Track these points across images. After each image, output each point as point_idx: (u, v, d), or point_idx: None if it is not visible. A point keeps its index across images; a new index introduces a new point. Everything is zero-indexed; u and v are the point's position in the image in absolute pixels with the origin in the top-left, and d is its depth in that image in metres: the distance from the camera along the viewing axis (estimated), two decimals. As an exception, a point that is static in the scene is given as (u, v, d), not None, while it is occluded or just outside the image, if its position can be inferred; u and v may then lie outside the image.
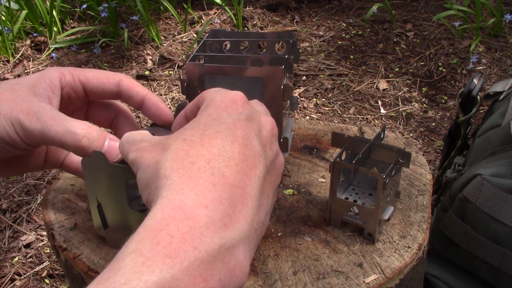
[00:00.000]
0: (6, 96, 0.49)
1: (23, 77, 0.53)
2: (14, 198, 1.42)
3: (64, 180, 0.68)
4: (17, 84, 0.51)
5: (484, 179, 0.75)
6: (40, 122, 0.48)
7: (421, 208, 0.63)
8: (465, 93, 0.96)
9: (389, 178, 0.55)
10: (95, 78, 0.55)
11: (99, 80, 0.55)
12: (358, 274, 0.53)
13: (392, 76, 2.04)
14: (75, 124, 0.48)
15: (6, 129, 0.48)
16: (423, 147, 1.65)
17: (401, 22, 2.46)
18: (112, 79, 0.55)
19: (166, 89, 1.99)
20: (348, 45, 2.28)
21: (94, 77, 0.55)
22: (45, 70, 0.54)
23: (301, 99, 1.89)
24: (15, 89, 0.50)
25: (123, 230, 0.54)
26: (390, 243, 0.57)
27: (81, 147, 0.48)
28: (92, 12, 2.51)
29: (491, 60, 2.08)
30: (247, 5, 2.57)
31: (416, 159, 0.73)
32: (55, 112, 0.49)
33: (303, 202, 0.64)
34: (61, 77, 0.53)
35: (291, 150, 0.74)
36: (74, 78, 0.54)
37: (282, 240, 0.57)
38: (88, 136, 0.48)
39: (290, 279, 0.52)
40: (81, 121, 0.49)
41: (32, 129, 0.48)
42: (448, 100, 1.89)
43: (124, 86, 0.55)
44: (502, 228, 0.74)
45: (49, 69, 0.54)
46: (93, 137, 0.48)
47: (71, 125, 0.48)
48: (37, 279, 1.20)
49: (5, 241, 1.29)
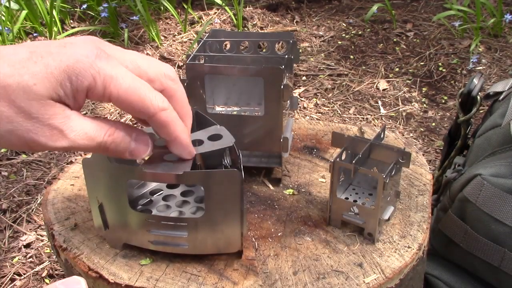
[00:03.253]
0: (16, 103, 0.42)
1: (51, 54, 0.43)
2: (14, 198, 1.42)
3: (64, 180, 0.68)
4: (34, 78, 0.43)
5: (484, 179, 0.75)
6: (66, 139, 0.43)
7: (421, 208, 0.63)
8: (465, 93, 0.96)
9: (389, 178, 0.55)
10: (127, 102, 0.45)
11: (129, 106, 0.45)
12: (358, 274, 0.53)
13: (392, 76, 2.04)
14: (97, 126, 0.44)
15: (16, 144, 0.43)
16: (423, 147, 1.65)
17: (401, 22, 2.46)
18: (146, 111, 0.45)
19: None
20: (348, 45, 2.28)
21: (126, 102, 0.45)
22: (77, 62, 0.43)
23: (301, 99, 1.89)
24: (30, 88, 0.42)
25: (123, 230, 0.54)
26: (390, 243, 0.57)
27: (107, 152, 0.45)
28: (92, 12, 2.51)
29: (491, 60, 2.08)
30: (247, 5, 2.57)
31: (416, 159, 0.73)
32: (70, 119, 0.44)
33: (303, 202, 0.64)
34: (91, 87, 0.44)
35: (291, 150, 0.74)
36: (105, 93, 0.44)
37: (282, 240, 0.57)
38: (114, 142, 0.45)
39: (290, 279, 0.52)
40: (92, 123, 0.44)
41: (56, 148, 0.44)
42: (448, 100, 1.89)
43: (155, 123, 0.46)
44: (502, 228, 0.74)
45: (80, 62, 0.43)
46: (118, 141, 0.45)
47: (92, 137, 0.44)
48: (37, 279, 1.20)
49: (5, 241, 1.29)
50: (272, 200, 0.64)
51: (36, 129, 0.42)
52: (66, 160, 1.58)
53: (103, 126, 0.45)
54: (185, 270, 0.53)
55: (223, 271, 0.53)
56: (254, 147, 0.65)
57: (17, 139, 0.43)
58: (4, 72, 0.42)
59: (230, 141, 0.52)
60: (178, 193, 0.62)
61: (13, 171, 1.52)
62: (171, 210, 0.59)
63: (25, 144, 0.43)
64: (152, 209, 0.59)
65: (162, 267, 0.53)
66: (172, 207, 0.59)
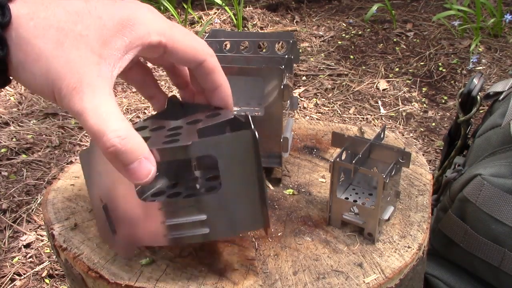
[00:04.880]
0: (65, 46, 0.41)
1: (105, 5, 0.44)
2: (14, 198, 1.42)
3: (64, 180, 0.68)
4: (86, 28, 0.42)
5: (484, 179, 0.75)
6: (81, 105, 0.40)
7: (421, 208, 0.63)
8: (465, 93, 0.96)
9: (389, 178, 0.55)
10: (181, 50, 0.46)
11: (183, 53, 0.47)
12: (358, 274, 0.53)
13: (392, 76, 2.04)
14: (112, 125, 0.40)
15: (44, 91, 0.42)
16: (423, 147, 1.65)
17: (401, 22, 2.46)
18: (198, 57, 0.48)
19: (166, 89, 1.99)
20: (348, 45, 2.28)
21: (180, 48, 0.46)
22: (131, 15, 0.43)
23: (301, 99, 1.89)
24: (80, 37, 0.42)
25: (133, 230, 0.49)
26: (390, 243, 0.57)
27: (106, 154, 0.41)
28: (92, 12, 2.51)
29: (491, 60, 2.08)
30: (247, 5, 2.57)
31: (416, 159, 0.73)
32: (103, 97, 0.41)
33: (303, 202, 0.64)
34: (145, 39, 0.43)
35: (291, 150, 0.74)
36: (160, 45, 0.45)
37: (282, 240, 0.57)
38: (118, 147, 0.40)
39: (290, 279, 0.52)
40: (121, 121, 0.41)
41: (69, 108, 0.41)
42: (448, 100, 1.89)
43: (205, 69, 0.49)
44: (502, 228, 0.74)
45: (134, 16, 0.43)
46: (123, 150, 0.41)
47: (106, 124, 0.40)
48: (37, 279, 1.20)
49: (5, 241, 1.29)
50: (272, 200, 0.64)
51: (66, 76, 0.41)
52: (66, 160, 1.58)
53: (126, 123, 0.42)
54: (185, 270, 0.53)
55: (223, 271, 0.53)
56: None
57: (46, 83, 0.41)
58: (59, 18, 0.42)
59: (230, 114, 0.50)
60: (183, 189, 0.59)
61: (13, 171, 1.52)
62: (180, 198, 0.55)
63: (50, 91, 0.42)
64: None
65: (162, 267, 0.53)
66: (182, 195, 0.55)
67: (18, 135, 1.68)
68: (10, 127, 1.72)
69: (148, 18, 0.44)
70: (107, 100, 0.41)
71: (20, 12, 0.42)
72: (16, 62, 0.42)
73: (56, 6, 0.43)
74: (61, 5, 0.43)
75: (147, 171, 0.42)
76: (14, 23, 0.41)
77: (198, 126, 0.49)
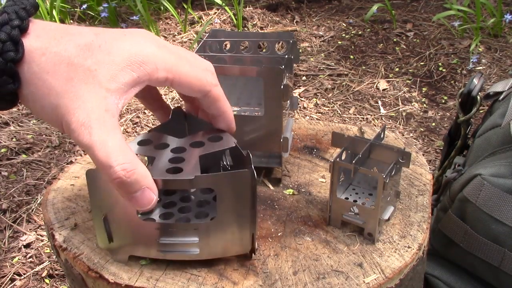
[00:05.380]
0: (74, 81, 0.42)
1: (115, 39, 0.45)
2: (14, 198, 1.42)
3: (64, 180, 0.68)
4: (96, 63, 0.43)
5: (484, 179, 0.75)
6: (90, 139, 0.42)
7: (421, 208, 0.63)
8: (465, 93, 0.96)
9: (389, 178, 0.55)
10: (187, 83, 0.48)
11: (189, 87, 0.49)
12: (358, 274, 0.53)
13: (392, 76, 2.04)
14: (118, 159, 0.42)
15: (53, 122, 0.44)
16: (423, 147, 1.65)
17: (401, 22, 2.46)
18: (203, 88, 0.50)
19: (166, 88, 1.99)
20: (348, 45, 2.28)
21: (186, 82, 0.48)
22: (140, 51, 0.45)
23: (301, 99, 1.89)
24: (89, 72, 0.43)
25: (129, 241, 0.52)
26: (390, 243, 0.57)
27: (112, 184, 0.44)
28: (92, 12, 2.51)
29: (491, 60, 2.08)
30: (247, 5, 2.57)
31: (416, 159, 0.73)
32: (111, 131, 0.43)
33: (303, 202, 0.64)
34: (153, 74, 0.45)
35: (291, 150, 0.74)
36: (167, 79, 0.47)
37: (282, 240, 0.57)
38: (123, 179, 0.42)
39: (290, 279, 0.52)
40: (127, 155, 0.43)
41: (78, 142, 0.43)
42: (448, 100, 1.89)
43: (210, 98, 0.51)
44: (502, 228, 0.74)
45: (143, 52, 0.45)
46: (128, 181, 0.43)
47: (113, 158, 0.42)
48: (37, 279, 1.20)
49: (5, 241, 1.29)
50: (272, 200, 0.64)
51: (75, 112, 0.42)
52: (66, 160, 1.58)
53: (132, 156, 0.44)
54: (185, 270, 0.53)
55: (223, 271, 0.53)
56: (254, 147, 0.65)
57: (55, 116, 0.43)
58: (70, 53, 0.44)
59: (231, 142, 0.53)
60: (177, 199, 0.60)
61: (13, 171, 1.52)
62: (174, 218, 0.57)
63: (59, 123, 0.44)
64: (155, 218, 0.57)
65: (162, 267, 0.53)
66: (175, 214, 0.57)
67: (18, 135, 1.68)
68: (10, 127, 1.72)
69: (156, 54, 0.46)
70: (114, 134, 0.43)
71: (33, 47, 0.44)
72: (27, 94, 0.44)
73: (68, 41, 0.44)
74: (73, 39, 0.45)
75: (149, 200, 0.45)
76: (27, 57, 0.43)
77: (200, 151, 0.52)
